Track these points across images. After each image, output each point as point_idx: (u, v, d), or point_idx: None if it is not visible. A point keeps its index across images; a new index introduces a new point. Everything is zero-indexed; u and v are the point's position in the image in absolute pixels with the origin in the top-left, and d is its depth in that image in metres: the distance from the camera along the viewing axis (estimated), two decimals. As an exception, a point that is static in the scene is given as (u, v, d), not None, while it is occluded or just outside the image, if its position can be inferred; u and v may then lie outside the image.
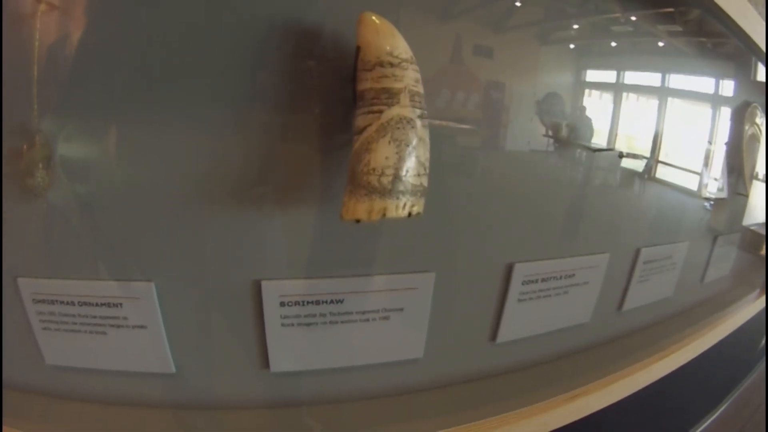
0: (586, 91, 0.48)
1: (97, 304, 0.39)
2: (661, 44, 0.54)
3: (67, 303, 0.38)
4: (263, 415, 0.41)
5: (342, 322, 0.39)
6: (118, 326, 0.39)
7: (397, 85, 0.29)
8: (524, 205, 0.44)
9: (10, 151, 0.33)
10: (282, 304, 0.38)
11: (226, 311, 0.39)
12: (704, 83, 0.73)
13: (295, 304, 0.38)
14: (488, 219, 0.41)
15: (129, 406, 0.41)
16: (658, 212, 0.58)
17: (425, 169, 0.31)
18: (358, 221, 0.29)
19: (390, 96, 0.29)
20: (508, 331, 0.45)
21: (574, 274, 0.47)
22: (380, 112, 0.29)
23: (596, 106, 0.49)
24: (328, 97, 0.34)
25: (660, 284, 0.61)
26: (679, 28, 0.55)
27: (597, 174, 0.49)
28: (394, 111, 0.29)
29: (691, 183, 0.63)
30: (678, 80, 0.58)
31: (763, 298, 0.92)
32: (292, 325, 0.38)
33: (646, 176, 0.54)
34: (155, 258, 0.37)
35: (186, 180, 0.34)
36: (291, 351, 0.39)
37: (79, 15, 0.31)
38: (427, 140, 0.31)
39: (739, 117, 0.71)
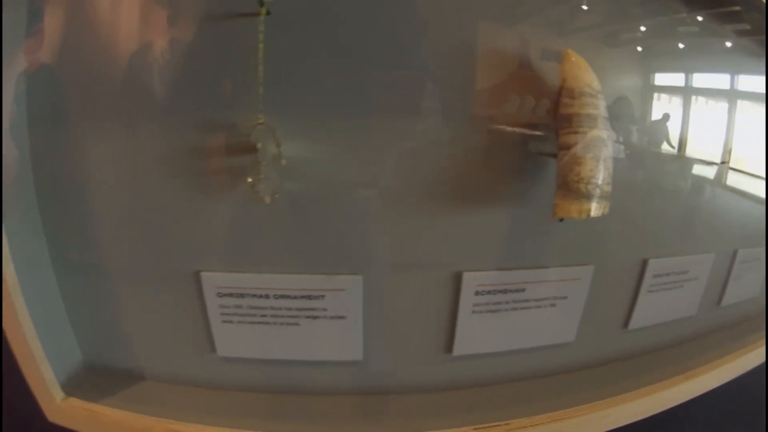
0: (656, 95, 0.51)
1: (296, 297, 0.41)
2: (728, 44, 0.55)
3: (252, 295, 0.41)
4: (443, 396, 0.45)
5: (522, 308, 0.44)
6: (315, 317, 0.42)
7: (595, 112, 0.38)
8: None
9: (232, 148, 0.36)
10: (476, 293, 0.42)
11: (422, 299, 0.43)
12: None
13: (487, 293, 0.43)
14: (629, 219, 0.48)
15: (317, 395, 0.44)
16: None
17: (611, 179, 0.39)
18: (561, 220, 0.38)
19: (591, 120, 0.37)
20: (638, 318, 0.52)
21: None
22: (585, 133, 0.37)
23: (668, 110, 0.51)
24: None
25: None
26: (746, 26, 0.54)
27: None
28: (594, 132, 0.37)
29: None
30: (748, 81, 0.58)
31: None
32: (481, 312, 0.43)
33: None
34: (364, 252, 0.40)
35: (393, 180, 0.39)
36: (476, 335, 0.44)
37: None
38: (611, 156, 0.39)
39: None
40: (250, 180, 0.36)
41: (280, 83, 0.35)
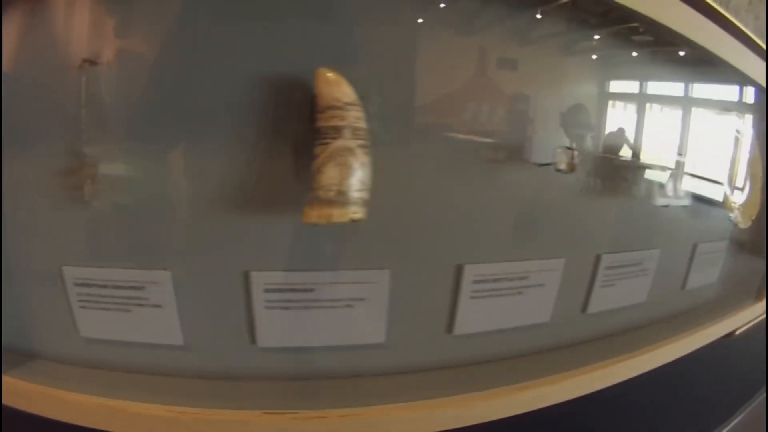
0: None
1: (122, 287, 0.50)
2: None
3: (101, 286, 0.50)
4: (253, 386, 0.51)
5: (316, 308, 0.49)
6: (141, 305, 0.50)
7: (342, 123, 0.41)
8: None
9: (68, 169, 0.46)
10: (266, 290, 0.48)
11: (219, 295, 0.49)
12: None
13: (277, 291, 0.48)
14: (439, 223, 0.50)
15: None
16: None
17: (365, 185, 0.41)
18: (314, 224, 0.41)
19: (336, 131, 0.41)
20: (463, 325, 0.52)
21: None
22: (329, 143, 0.41)
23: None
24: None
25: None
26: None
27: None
28: (339, 143, 0.40)
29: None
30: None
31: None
32: (274, 308, 0.48)
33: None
34: (172, 251, 0.48)
35: (198, 190, 0.46)
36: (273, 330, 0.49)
37: (112, 73, 0.43)
38: (368, 163, 0.42)
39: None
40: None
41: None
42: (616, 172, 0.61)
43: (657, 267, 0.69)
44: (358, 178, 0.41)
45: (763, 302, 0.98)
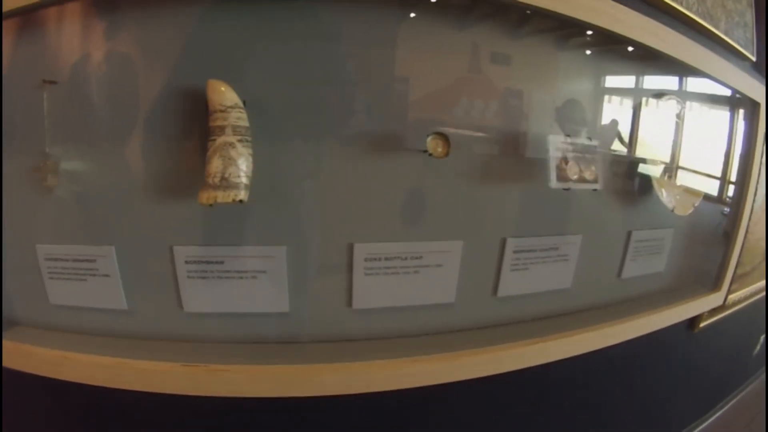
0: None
1: (80, 260, 0.61)
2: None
3: (63, 260, 0.61)
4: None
5: (227, 278, 0.57)
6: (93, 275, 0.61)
7: (224, 123, 0.50)
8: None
9: (35, 165, 0.58)
10: (187, 262, 0.57)
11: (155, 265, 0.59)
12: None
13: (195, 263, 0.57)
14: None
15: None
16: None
17: (244, 173, 0.50)
18: (211, 205, 0.49)
19: (220, 130, 0.50)
20: (361, 300, 0.58)
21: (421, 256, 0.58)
22: (215, 140, 0.50)
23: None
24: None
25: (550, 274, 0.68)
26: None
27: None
28: (222, 139, 0.50)
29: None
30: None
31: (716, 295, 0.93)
32: (194, 278, 0.57)
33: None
34: (115, 229, 0.59)
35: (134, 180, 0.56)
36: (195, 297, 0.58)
37: (68, 90, 0.55)
38: (246, 155, 0.50)
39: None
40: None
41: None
42: (517, 155, 0.63)
43: (581, 253, 0.70)
44: (238, 167, 0.50)
45: (722, 293, 0.93)
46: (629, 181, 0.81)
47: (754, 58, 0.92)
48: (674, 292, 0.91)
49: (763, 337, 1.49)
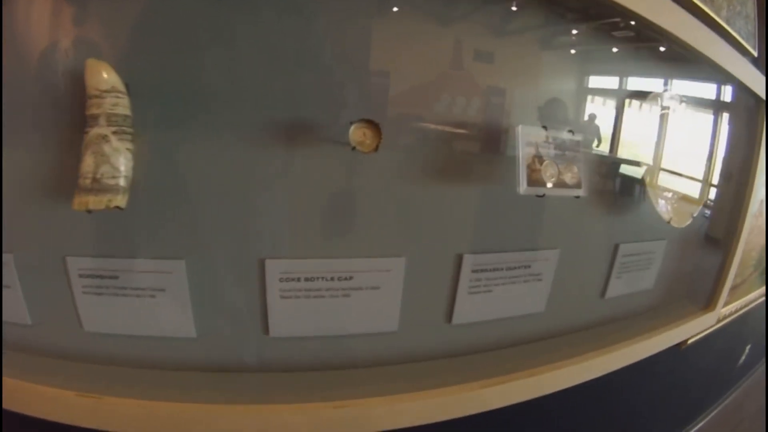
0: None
1: None
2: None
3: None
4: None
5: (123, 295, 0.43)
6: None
7: (98, 111, 0.36)
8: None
9: None
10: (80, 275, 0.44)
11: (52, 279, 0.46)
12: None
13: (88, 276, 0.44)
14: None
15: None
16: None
17: (120, 173, 0.36)
18: (89, 212, 0.36)
19: (93, 119, 0.36)
20: (278, 327, 0.44)
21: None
22: (88, 132, 0.36)
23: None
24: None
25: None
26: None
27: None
28: (95, 131, 0.36)
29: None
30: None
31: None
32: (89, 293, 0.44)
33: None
34: (12, 236, 0.46)
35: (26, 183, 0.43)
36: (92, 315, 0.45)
37: None
38: (124, 150, 0.36)
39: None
40: None
41: None
42: (480, 151, 0.47)
43: (558, 271, 0.54)
44: (113, 165, 0.36)
45: (715, 312, 0.75)
46: (613, 184, 0.64)
47: (755, 53, 0.73)
48: (663, 311, 0.74)
49: (748, 347, 1.33)
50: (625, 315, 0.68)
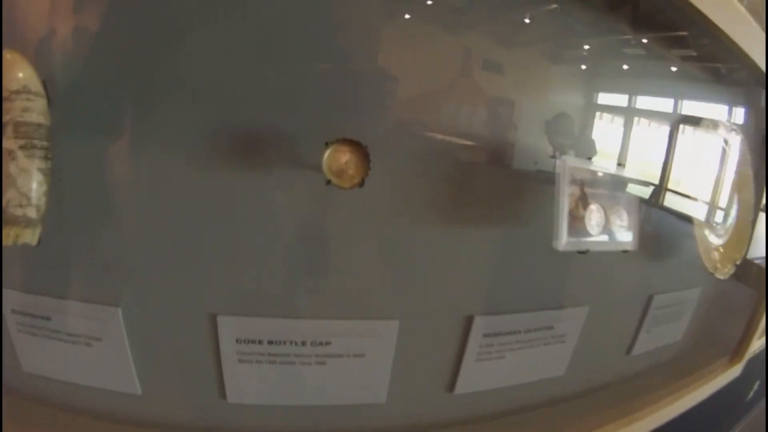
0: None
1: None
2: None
3: None
4: None
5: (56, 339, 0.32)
6: None
7: (6, 118, 0.24)
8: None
9: None
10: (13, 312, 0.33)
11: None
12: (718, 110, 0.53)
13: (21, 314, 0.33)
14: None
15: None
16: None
17: (29, 200, 0.24)
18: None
19: (4, 129, 0.24)
20: (236, 393, 0.32)
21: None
22: None
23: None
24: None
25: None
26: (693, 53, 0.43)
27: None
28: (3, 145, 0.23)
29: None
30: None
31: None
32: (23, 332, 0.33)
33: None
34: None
35: None
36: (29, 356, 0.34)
37: None
38: (34, 171, 0.24)
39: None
40: None
41: None
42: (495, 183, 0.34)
43: (583, 330, 0.41)
44: (19, 191, 0.24)
45: (741, 363, 0.59)
46: (655, 223, 0.49)
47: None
48: (687, 363, 0.59)
49: (758, 383, 1.17)
50: (647, 369, 0.54)
